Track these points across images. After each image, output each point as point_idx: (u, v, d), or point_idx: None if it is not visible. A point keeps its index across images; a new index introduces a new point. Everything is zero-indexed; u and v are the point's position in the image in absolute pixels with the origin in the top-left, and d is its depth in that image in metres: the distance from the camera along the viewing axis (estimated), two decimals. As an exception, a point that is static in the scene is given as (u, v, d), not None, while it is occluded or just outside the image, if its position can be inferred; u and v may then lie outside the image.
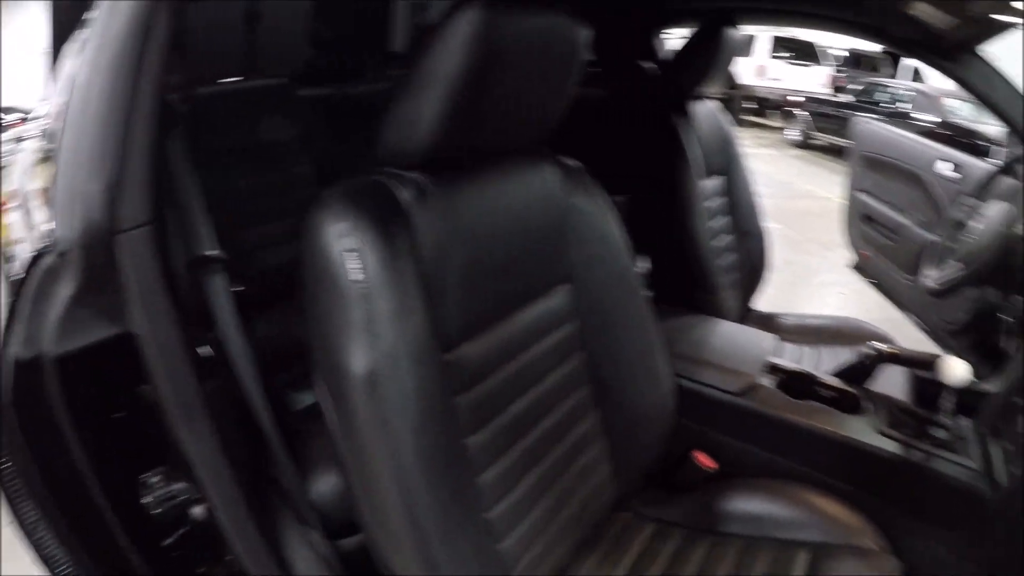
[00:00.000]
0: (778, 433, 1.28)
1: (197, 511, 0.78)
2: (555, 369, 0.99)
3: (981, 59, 1.55)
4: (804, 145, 9.38)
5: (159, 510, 0.77)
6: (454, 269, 0.79)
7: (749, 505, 1.15)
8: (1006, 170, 1.47)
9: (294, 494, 0.93)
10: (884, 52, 10.37)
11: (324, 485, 1.02)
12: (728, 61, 1.80)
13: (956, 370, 1.15)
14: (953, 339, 1.80)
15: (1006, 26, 1.39)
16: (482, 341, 0.85)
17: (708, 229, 1.86)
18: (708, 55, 1.75)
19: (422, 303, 0.74)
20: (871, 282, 2.73)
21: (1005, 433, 1.14)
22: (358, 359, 0.69)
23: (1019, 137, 1.53)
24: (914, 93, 6.40)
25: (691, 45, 1.77)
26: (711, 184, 1.95)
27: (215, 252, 0.88)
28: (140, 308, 0.70)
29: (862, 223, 2.72)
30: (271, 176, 1.70)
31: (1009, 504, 1.04)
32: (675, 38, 2.17)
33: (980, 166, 1.99)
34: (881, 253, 2.56)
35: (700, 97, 1.92)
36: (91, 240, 0.68)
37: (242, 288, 0.95)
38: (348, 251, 0.69)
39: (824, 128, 8.90)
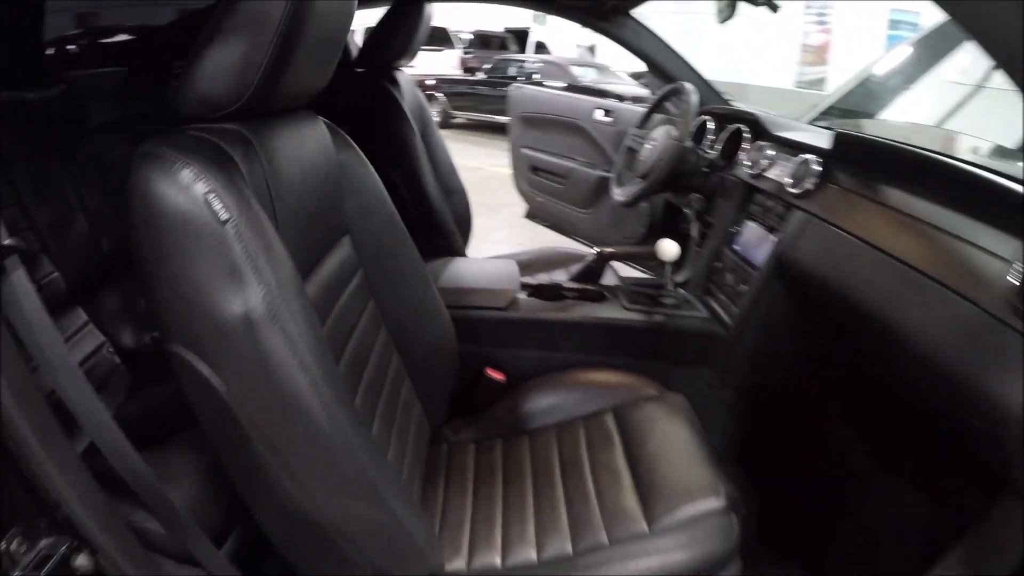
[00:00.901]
0: (548, 332, 1.46)
1: (81, 561, 0.62)
2: (361, 317, 1.02)
3: (633, 19, 1.92)
4: (446, 125, 10.11)
5: None
6: (279, 216, 0.77)
7: (547, 399, 1.29)
8: (657, 107, 1.84)
9: (168, 518, 0.77)
10: (507, 31, 11.68)
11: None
12: (427, 32, 1.91)
13: (670, 248, 1.44)
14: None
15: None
16: (311, 287, 0.85)
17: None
18: (407, 28, 1.85)
19: (278, 242, 0.71)
20: (546, 225, 3.14)
21: (716, 289, 1.47)
22: (245, 297, 0.64)
23: (663, 77, 1.94)
24: (542, 64, 7.36)
25: (388, 20, 1.86)
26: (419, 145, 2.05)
27: (10, 240, 0.65)
28: None
29: (531, 175, 3.10)
30: None
31: (737, 335, 1.36)
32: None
33: (629, 109, 2.46)
34: (554, 196, 2.97)
35: (399, 68, 2.03)
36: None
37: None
38: (207, 193, 0.63)
39: (461, 106, 9.71)
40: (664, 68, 1.92)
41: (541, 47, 9.79)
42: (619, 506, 0.99)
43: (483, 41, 11.45)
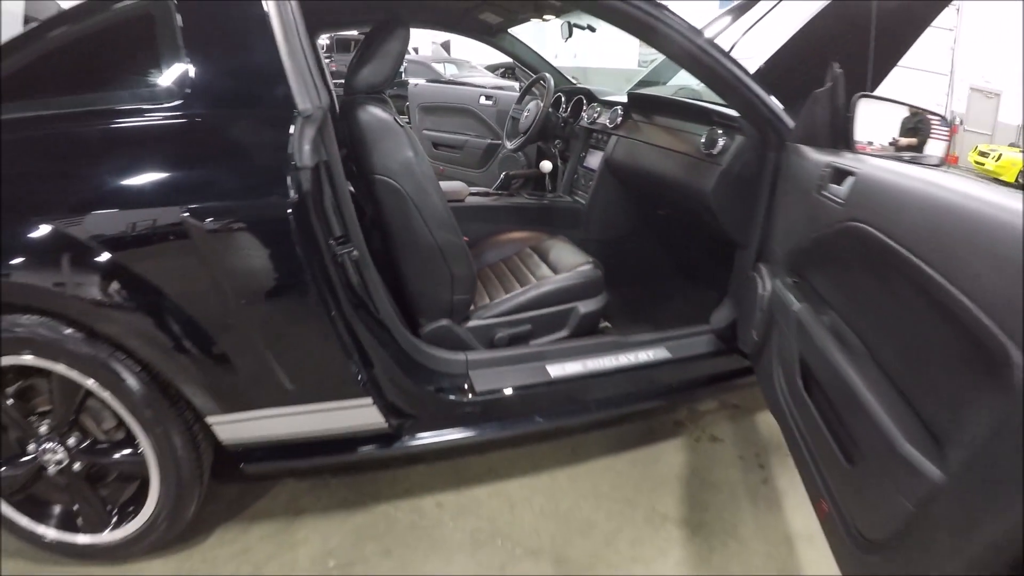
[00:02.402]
0: (488, 213, 2.53)
1: (355, 254, 1.41)
2: None
3: (511, 35, 2.98)
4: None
5: (341, 257, 1.38)
6: None
7: (494, 250, 2.30)
8: (528, 90, 2.91)
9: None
10: (362, 34, 12.01)
11: None
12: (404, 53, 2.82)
13: (546, 164, 2.52)
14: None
15: (524, 20, 2.79)
16: None
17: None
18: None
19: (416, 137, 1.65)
20: (445, 188, 4.12)
21: (576, 189, 2.58)
22: (409, 153, 1.60)
23: (531, 70, 3.01)
24: (408, 63, 7.96)
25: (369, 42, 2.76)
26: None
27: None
28: (332, 145, 1.39)
29: (433, 150, 4.08)
30: None
31: (590, 208, 2.48)
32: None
33: (504, 94, 3.52)
34: (453, 163, 3.97)
35: None
36: (333, 108, 1.29)
37: None
38: (398, 115, 1.59)
39: (330, 110, 10.23)
40: (531, 64, 3.00)
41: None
42: (542, 275, 2.03)
43: (341, 45, 11.75)
